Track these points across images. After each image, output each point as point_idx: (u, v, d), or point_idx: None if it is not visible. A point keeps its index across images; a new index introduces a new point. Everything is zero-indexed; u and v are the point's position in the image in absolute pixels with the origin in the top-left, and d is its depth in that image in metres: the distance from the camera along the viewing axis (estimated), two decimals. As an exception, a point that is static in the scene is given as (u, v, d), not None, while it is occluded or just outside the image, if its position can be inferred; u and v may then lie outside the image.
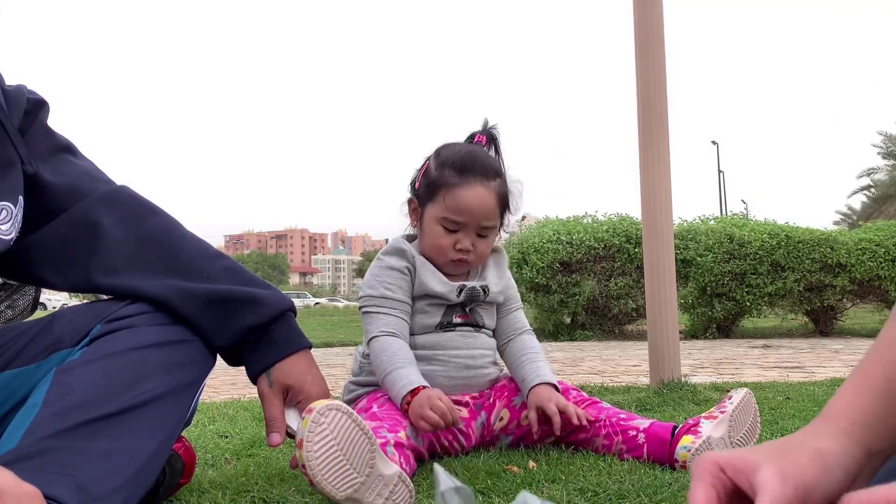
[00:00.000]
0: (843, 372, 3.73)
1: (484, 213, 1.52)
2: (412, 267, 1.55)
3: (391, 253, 1.57)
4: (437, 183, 1.53)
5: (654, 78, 2.57)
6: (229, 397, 3.15)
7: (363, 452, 1.07)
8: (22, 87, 1.13)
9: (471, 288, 1.57)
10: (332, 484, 1.04)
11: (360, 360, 1.62)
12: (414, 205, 1.60)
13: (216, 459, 1.60)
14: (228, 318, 1.10)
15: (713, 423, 1.38)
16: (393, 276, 1.54)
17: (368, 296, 1.54)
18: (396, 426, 1.35)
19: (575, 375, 3.96)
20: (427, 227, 1.55)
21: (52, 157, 1.14)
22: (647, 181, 2.58)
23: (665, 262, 2.57)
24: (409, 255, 1.56)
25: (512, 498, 1.18)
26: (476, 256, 1.56)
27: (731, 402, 1.41)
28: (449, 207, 1.50)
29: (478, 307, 1.60)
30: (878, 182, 33.79)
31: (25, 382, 1.02)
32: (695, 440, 1.36)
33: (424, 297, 1.55)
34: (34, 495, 0.73)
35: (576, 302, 7.73)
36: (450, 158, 1.54)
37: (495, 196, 1.53)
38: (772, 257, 7.56)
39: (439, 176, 1.53)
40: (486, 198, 1.51)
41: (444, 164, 1.54)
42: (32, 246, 1.11)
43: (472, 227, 1.52)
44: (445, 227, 1.52)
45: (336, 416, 1.05)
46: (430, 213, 1.54)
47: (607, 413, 1.51)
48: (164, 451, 1.00)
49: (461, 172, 1.51)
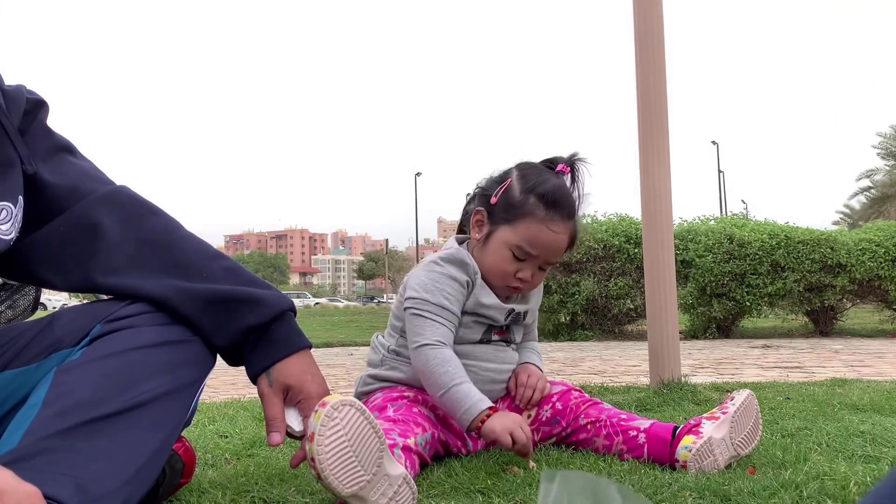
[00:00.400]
0: (843, 372, 3.73)
1: (557, 252, 1.52)
2: (472, 283, 1.54)
3: (454, 262, 1.53)
4: (521, 210, 1.49)
5: (654, 78, 2.57)
6: (229, 397, 3.15)
7: (372, 451, 1.08)
8: (21, 87, 1.13)
9: (517, 313, 1.58)
10: (339, 479, 1.04)
11: (383, 353, 1.60)
12: (481, 217, 1.56)
13: (216, 459, 1.60)
14: (228, 318, 1.10)
15: (715, 424, 1.38)
16: (453, 288, 1.51)
17: (425, 300, 1.50)
18: (407, 432, 1.35)
19: (575, 375, 3.96)
20: (494, 247, 1.52)
21: (52, 157, 1.14)
22: (647, 181, 2.58)
23: (665, 262, 2.57)
24: (472, 270, 1.53)
25: (512, 498, 1.19)
26: (531, 287, 1.57)
27: (732, 404, 1.41)
28: (527, 239, 1.48)
29: (514, 325, 1.62)
30: (878, 183, 33.80)
31: (25, 382, 1.01)
32: (696, 440, 1.36)
33: (473, 314, 1.54)
34: (34, 495, 0.73)
35: (575, 302, 7.73)
36: (538, 188, 1.50)
37: (569, 237, 1.53)
38: (772, 257, 7.56)
39: (524, 203, 1.49)
40: (562, 239, 1.51)
41: (532, 191, 1.50)
42: (32, 246, 1.11)
43: (539, 261, 1.52)
44: (515, 254, 1.50)
45: (349, 413, 1.06)
46: (502, 236, 1.51)
47: (608, 413, 1.51)
48: (164, 451, 1.00)
49: (548, 208, 1.48)
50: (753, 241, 7.60)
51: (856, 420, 1.83)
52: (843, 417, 1.88)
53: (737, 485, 1.21)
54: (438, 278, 1.52)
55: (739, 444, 1.39)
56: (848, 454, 1.48)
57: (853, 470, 1.29)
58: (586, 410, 1.52)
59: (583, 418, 1.52)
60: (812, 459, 1.38)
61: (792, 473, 1.26)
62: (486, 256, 1.54)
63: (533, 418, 1.57)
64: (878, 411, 2.00)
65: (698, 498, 1.16)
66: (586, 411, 1.52)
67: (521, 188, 1.51)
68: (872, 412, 1.99)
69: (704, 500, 1.16)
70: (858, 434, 1.65)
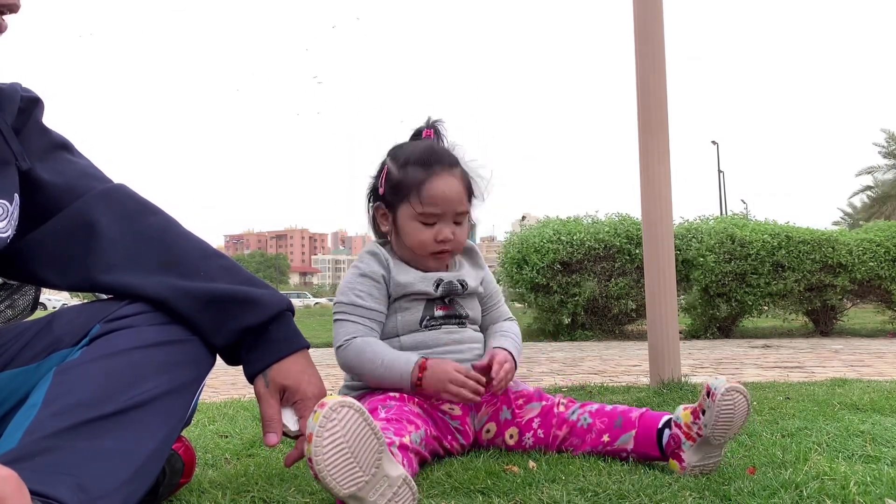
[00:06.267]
0: (843, 372, 3.73)
1: (456, 199, 1.56)
2: (386, 271, 1.57)
3: (365, 259, 1.60)
4: (405, 182, 1.55)
5: (654, 78, 2.57)
6: (229, 397, 3.15)
7: (371, 452, 1.08)
8: (16, 84, 1.13)
9: (448, 282, 1.59)
10: (337, 480, 1.04)
11: None
12: (382, 210, 1.62)
13: (216, 459, 1.60)
14: (226, 317, 1.10)
15: (692, 448, 1.35)
16: (365, 284, 1.56)
17: (340, 302, 1.57)
18: (402, 430, 1.35)
19: (575, 375, 3.96)
20: (404, 226, 1.57)
21: (49, 155, 1.14)
22: (647, 181, 2.58)
23: (665, 262, 2.57)
24: (383, 257, 1.58)
25: (512, 498, 1.19)
26: (456, 244, 1.59)
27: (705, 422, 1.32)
28: (424, 201, 1.53)
29: (458, 298, 1.62)
30: (881, 182, 33.81)
31: (25, 382, 1.01)
32: (681, 471, 1.35)
33: (403, 296, 1.57)
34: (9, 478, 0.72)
35: (576, 302, 7.72)
36: (411, 156, 1.57)
37: (462, 182, 1.58)
38: (773, 258, 7.56)
39: (405, 175, 1.55)
40: (455, 185, 1.56)
41: (407, 162, 1.56)
42: (30, 245, 1.11)
43: (448, 216, 1.55)
44: (423, 222, 1.55)
45: (348, 413, 1.06)
46: (403, 213, 1.56)
47: (591, 441, 1.48)
48: (163, 450, 1.00)
49: (426, 166, 1.55)
50: (755, 240, 7.60)
51: (856, 420, 1.83)
52: (843, 417, 1.88)
53: (737, 485, 1.21)
54: (350, 279, 1.58)
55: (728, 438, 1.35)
56: (848, 454, 1.48)
57: (853, 470, 1.29)
58: (570, 440, 1.50)
59: (571, 451, 1.50)
60: (812, 459, 1.38)
61: (792, 473, 1.26)
62: (403, 239, 1.59)
63: (517, 442, 1.54)
64: (878, 411, 2.00)
65: (698, 498, 1.16)
66: (570, 441, 1.50)
67: (397, 165, 1.58)
68: (872, 412, 1.99)
69: (704, 500, 1.16)
70: (858, 434, 1.65)
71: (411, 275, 1.57)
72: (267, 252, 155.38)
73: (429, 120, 1.68)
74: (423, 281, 1.57)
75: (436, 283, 1.58)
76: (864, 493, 1.15)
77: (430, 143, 1.62)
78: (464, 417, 1.55)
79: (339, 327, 1.55)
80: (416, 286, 1.56)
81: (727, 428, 1.32)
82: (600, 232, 7.90)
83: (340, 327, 1.55)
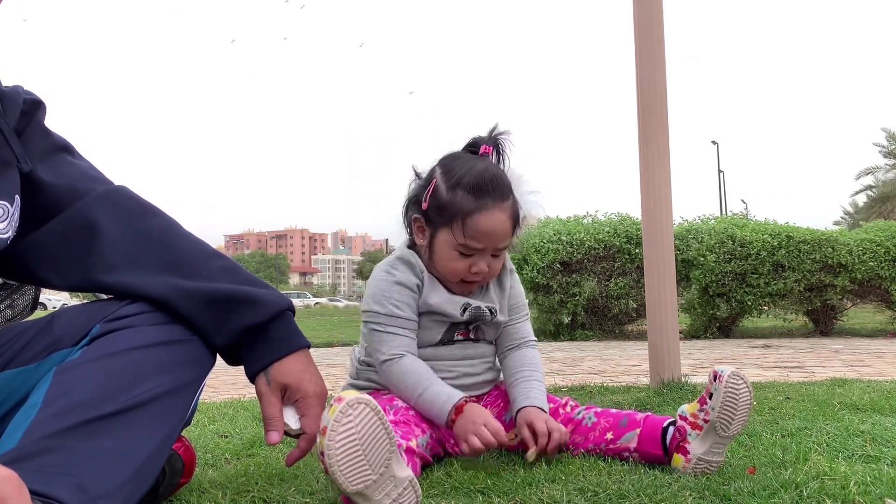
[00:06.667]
0: (843, 372, 3.73)
1: (501, 237, 1.47)
2: (421, 283, 1.51)
3: (400, 266, 1.52)
4: (452, 208, 1.45)
5: (654, 77, 2.57)
6: (229, 397, 3.16)
7: (382, 451, 1.08)
8: (18, 87, 1.13)
9: (476, 307, 1.54)
10: (346, 476, 1.04)
11: (356, 365, 1.61)
12: (421, 224, 1.52)
13: (216, 459, 1.60)
14: (227, 317, 1.10)
15: (699, 437, 1.35)
16: (402, 294, 1.49)
17: (375, 312, 1.49)
18: (409, 434, 1.35)
19: (575, 375, 3.96)
20: (440, 250, 1.49)
21: (50, 157, 1.14)
22: (647, 181, 2.58)
23: (665, 262, 2.57)
24: (419, 269, 1.51)
25: (512, 498, 1.19)
26: (490, 276, 1.53)
27: (711, 406, 1.34)
28: (467, 235, 1.44)
29: (483, 325, 1.58)
30: (881, 181, 33.81)
31: (25, 382, 1.01)
32: (685, 464, 1.34)
33: (428, 314, 1.52)
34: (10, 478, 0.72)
35: (576, 302, 7.72)
36: (462, 179, 1.45)
37: (510, 217, 1.48)
38: (773, 258, 7.56)
39: (452, 200, 1.45)
40: (503, 222, 1.46)
41: (457, 185, 1.45)
42: (31, 245, 1.11)
43: (488, 250, 1.48)
44: (462, 252, 1.47)
45: (363, 411, 1.06)
46: (443, 238, 1.48)
47: (594, 438, 1.47)
48: (164, 450, 1.00)
49: (477, 196, 1.44)
50: (755, 240, 7.60)
51: (856, 420, 1.83)
52: (843, 417, 1.88)
53: (737, 485, 1.21)
54: (386, 287, 1.50)
55: (733, 431, 1.35)
56: (848, 454, 1.48)
57: (853, 470, 1.29)
58: (572, 439, 1.49)
59: (572, 449, 1.49)
60: (812, 459, 1.38)
61: (792, 473, 1.26)
62: (435, 261, 1.51)
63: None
64: (878, 411, 2.00)
65: (698, 498, 1.16)
66: (572, 440, 1.49)
67: (447, 186, 1.47)
68: (872, 412, 1.99)
69: (704, 500, 1.16)
70: (858, 434, 1.65)
71: (442, 296, 1.51)
72: (267, 252, 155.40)
73: (492, 131, 1.54)
74: (451, 304, 1.52)
75: (463, 307, 1.53)
76: (864, 493, 1.15)
77: (486, 166, 1.48)
78: None
79: (381, 340, 1.48)
80: (443, 307, 1.51)
81: (733, 412, 1.33)
82: (600, 232, 7.90)
83: (384, 340, 1.47)
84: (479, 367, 1.59)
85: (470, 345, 1.58)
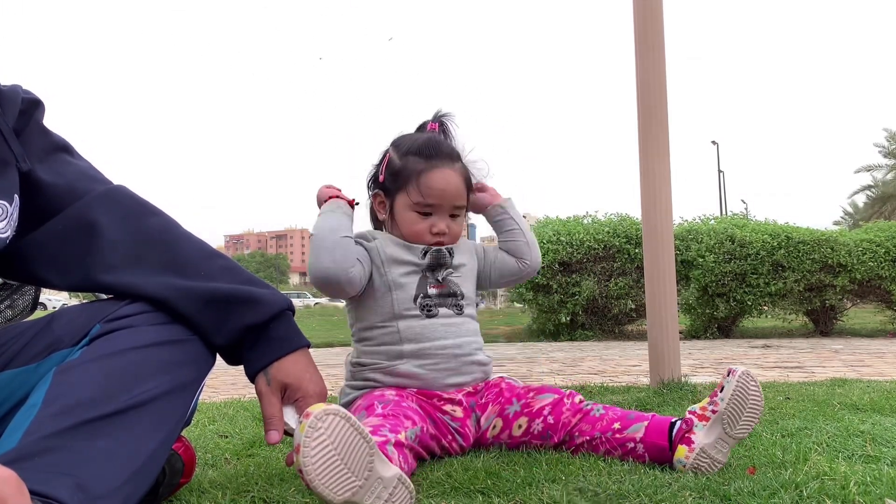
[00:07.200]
0: (843, 372, 3.73)
1: (455, 194, 1.59)
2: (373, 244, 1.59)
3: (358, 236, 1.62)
4: (405, 171, 1.58)
5: (654, 78, 2.57)
6: (229, 397, 3.16)
7: (361, 456, 1.07)
8: (17, 86, 1.13)
9: (436, 249, 1.60)
10: (330, 488, 1.04)
11: (350, 368, 1.63)
12: (380, 198, 1.65)
13: (216, 459, 1.60)
14: (227, 316, 1.10)
15: (706, 427, 1.36)
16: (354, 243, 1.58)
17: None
18: (398, 426, 1.35)
19: (575, 375, 3.96)
20: (400, 215, 1.60)
21: (49, 156, 1.14)
22: (647, 181, 2.58)
23: (665, 263, 2.57)
24: (370, 235, 1.61)
25: (512, 498, 1.19)
26: (451, 237, 1.61)
27: (721, 398, 1.37)
28: (422, 192, 1.56)
29: (450, 276, 1.62)
30: (881, 181, 33.84)
31: (25, 382, 1.01)
32: (689, 454, 1.35)
33: (394, 264, 1.57)
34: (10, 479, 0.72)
35: (575, 302, 7.73)
36: (413, 147, 1.60)
37: (461, 177, 1.61)
38: (773, 258, 7.56)
39: (405, 165, 1.58)
40: (454, 179, 1.59)
41: (409, 152, 1.59)
42: (31, 245, 1.11)
43: (445, 209, 1.59)
44: (419, 212, 1.58)
45: (333, 421, 1.05)
46: (401, 202, 1.59)
47: (601, 427, 1.48)
48: (164, 450, 1.00)
49: (427, 158, 1.58)
50: (755, 241, 7.61)
51: (856, 420, 1.83)
52: (843, 417, 1.88)
53: (737, 485, 1.21)
54: None
55: (738, 432, 1.37)
56: (848, 454, 1.48)
57: (853, 470, 1.29)
58: (579, 426, 1.49)
59: (577, 436, 1.49)
60: (812, 459, 1.38)
61: (792, 473, 1.26)
62: (398, 227, 1.61)
63: (524, 431, 1.53)
64: (878, 411, 2.00)
65: (698, 498, 1.16)
66: (579, 427, 1.49)
67: (399, 154, 1.61)
68: (872, 412, 1.99)
69: (704, 500, 1.16)
70: (858, 434, 1.65)
71: (400, 244, 1.59)
72: (267, 252, 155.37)
73: (437, 113, 1.70)
74: (410, 250, 1.58)
75: (423, 251, 1.59)
76: (864, 493, 1.15)
77: (433, 135, 1.65)
78: (464, 420, 1.55)
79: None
80: (402, 254, 1.58)
81: (741, 406, 1.34)
82: (600, 232, 7.91)
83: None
84: (468, 349, 1.59)
85: (453, 319, 1.59)
